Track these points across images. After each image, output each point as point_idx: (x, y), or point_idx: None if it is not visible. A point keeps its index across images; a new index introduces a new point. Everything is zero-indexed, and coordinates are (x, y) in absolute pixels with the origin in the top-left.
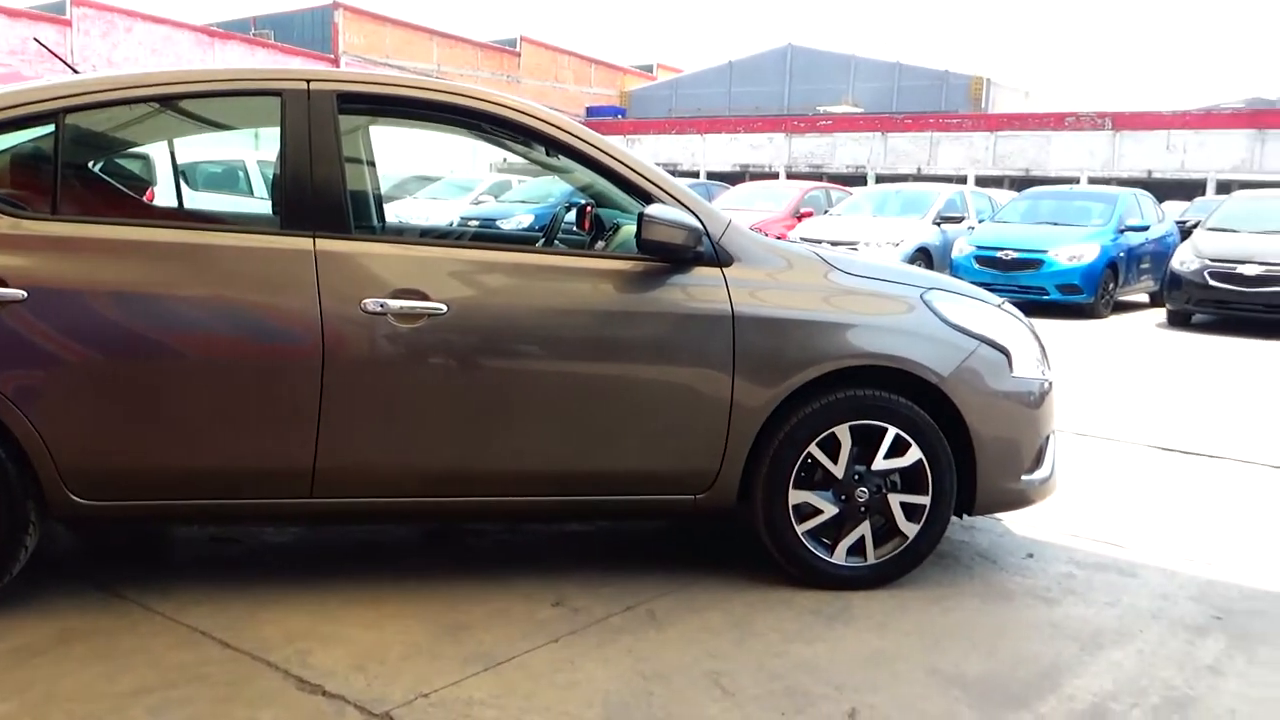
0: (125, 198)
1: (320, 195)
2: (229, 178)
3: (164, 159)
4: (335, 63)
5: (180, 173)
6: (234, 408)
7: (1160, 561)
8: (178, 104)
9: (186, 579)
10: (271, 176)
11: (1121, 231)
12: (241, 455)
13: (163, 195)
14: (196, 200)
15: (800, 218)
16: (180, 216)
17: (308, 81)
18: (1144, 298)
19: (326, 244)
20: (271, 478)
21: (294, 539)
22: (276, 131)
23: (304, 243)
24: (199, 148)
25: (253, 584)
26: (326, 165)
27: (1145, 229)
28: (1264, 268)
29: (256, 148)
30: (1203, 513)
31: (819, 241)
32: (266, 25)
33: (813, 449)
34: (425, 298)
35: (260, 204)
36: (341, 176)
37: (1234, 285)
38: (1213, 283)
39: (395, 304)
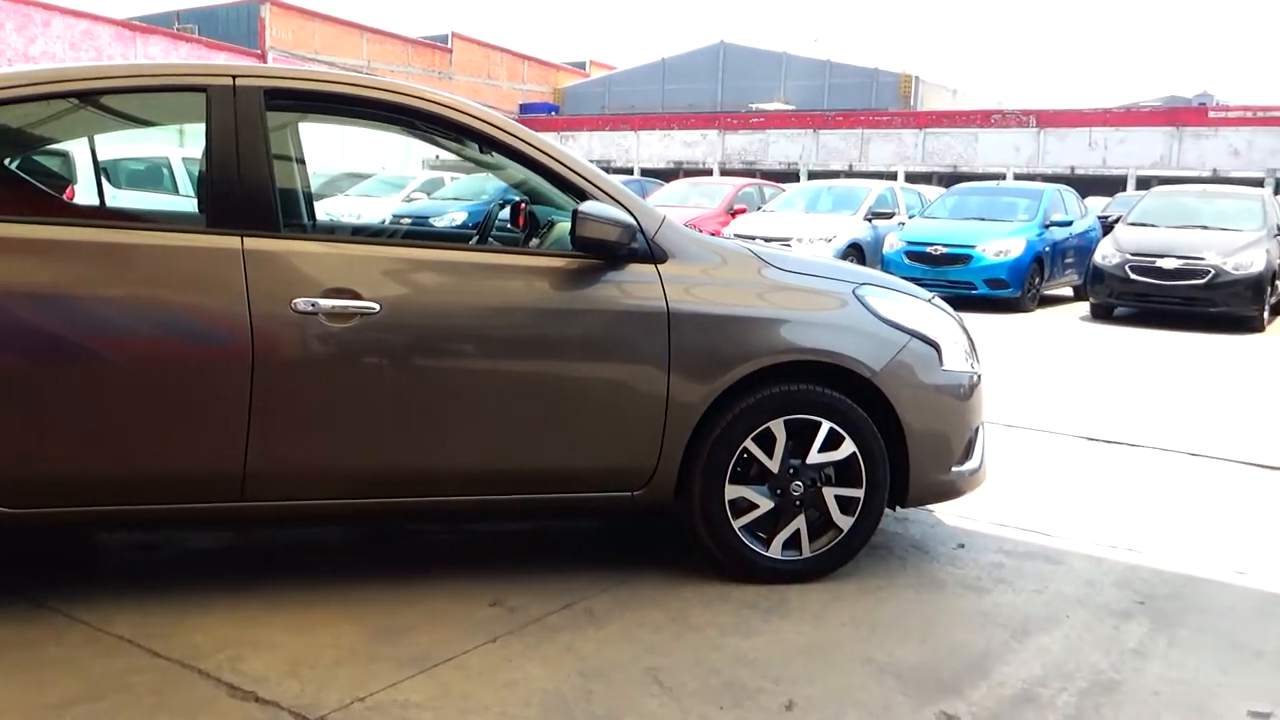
0: (44, 196)
1: (248, 193)
2: (153, 175)
3: (85, 156)
4: (262, 58)
5: (102, 170)
6: (160, 411)
7: (1085, 549)
8: (98, 100)
9: (113, 587)
10: (197, 174)
11: (1046, 227)
12: (169, 459)
13: (83, 193)
14: (119, 198)
15: (734, 214)
16: (102, 215)
17: (234, 77)
18: (1068, 291)
19: (255, 243)
20: (200, 481)
21: (224, 544)
22: (202, 128)
23: (231, 242)
24: (121, 144)
25: (182, 590)
26: (254, 163)
27: (1069, 224)
28: (1181, 261)
29: (181, 144)
30: (1125, 500)
31: (753, 238)
32: (190, 20)
33: (748, 444)
34: (357, 297)
35: (186, 202)
36: (270, 174)
37: (1153, 279)
38: (1134, 276)
39: (327, 303)
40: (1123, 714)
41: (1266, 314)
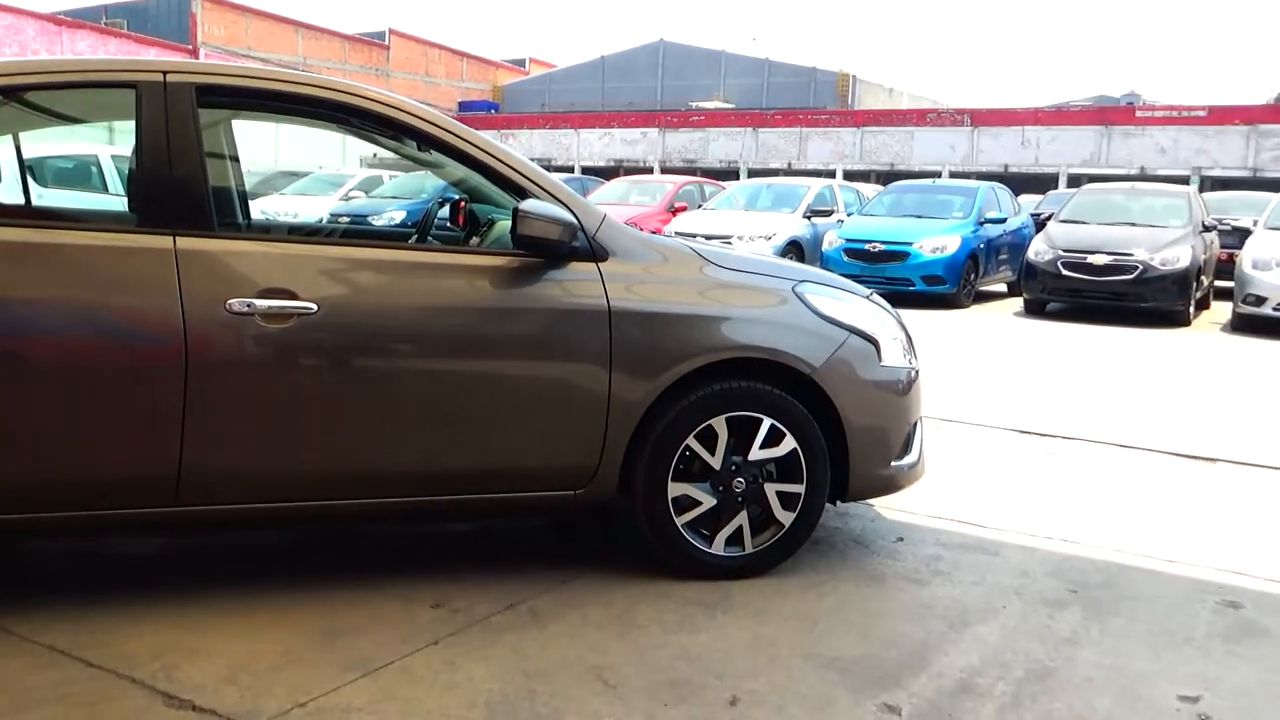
0: None
1: (180, 192)
2: (81, 173)
3: (9, 154)
4: (194, 54)
5: (27, 168)
6: (91, 416)
7: (1021, 540)
8: (23, 96)
9: (44, 596)
10: (127, 172)
11: (981, 224)
12: (101, 465)
13: (7, 192)
14: (46, 197)
15: (675, 212)
16: (28, 215)
17: (164, 73)
18: (1003, 287)
19: (188, 242)
20: (134, 486)
21: (159, 549)
22: (132, 125)
23: (164, 241)
24: (48, 142)
25: (115, 598)
26: (186, 160)
27: (1003, 221)
28: (1111, 257)
29: (111, 142)
30: (1058, 491)
31: (694, 236)
32: (119, 14)
33: (690, 441)
34: (294, 297)
35: (116, 201)
36: (203, 172)
37: (1085, 274)
38: (1065, 272)
39: (262, 304)
40: (1057, 701)
41: (1192, 309)
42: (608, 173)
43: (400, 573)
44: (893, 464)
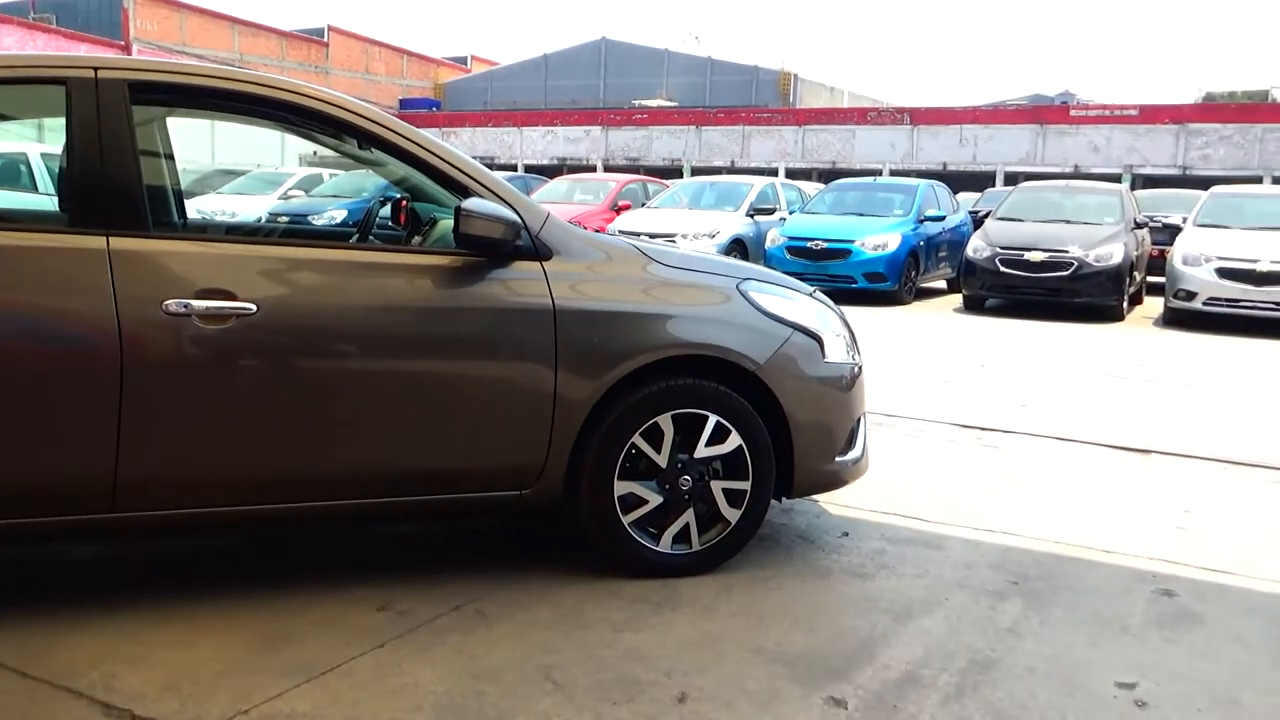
0: None
1: (113, 191)
2: (9, 172)
3: None
4: (126, 50)
5: None
6: (21, 421)
7: (963, 533)
8: None
9: None
10: (58, 171)
11: (921, 221)
12: (33, 471)
13: None
14: None
15: (618, 210)
16: None
17: (95, 69)
18: (943, 284)
19: (121, 243)
20: (69, 493)
21: (96, 556)
22: (62, 122)
23: (96, 241)
24: None
25: (51, 607)
26: (119, 159)
27: (942, 219)
28: (1047, 254)
29: (40, 139)
30: (999, 485)
31: (637, 234)
32: (47, 9)
33: (636, 439)
34: (233, 297)
35: (46, 200)
36: (136, 170)
37: (1022, 271)
38: (1003, 269)
39: (200, 305)
40: (999, 691)
41: (1126, 303)
42: (551, 171)
43: (344, 576)
44: (837, 459)
